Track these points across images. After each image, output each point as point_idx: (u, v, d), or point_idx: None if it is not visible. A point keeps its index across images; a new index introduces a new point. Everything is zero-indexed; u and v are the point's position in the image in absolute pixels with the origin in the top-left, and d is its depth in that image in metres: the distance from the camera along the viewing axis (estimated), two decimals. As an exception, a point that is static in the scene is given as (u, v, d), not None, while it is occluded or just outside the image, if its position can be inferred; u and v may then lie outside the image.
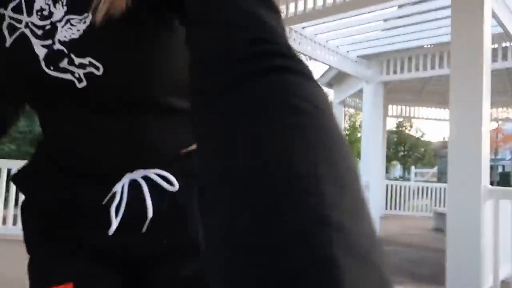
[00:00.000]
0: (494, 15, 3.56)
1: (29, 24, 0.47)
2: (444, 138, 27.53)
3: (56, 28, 0.47)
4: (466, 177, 2.91)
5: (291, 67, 0.29)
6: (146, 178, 0.56)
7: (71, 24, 0.46)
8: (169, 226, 0.57)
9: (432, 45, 6.22)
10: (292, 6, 4.20)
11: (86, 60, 0.47)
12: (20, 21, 0.48)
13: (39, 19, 0.47)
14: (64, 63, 0.47)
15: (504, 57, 5.51)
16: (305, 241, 0.20)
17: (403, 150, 27.66)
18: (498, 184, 15.20)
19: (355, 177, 0.25)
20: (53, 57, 0.47)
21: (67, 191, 0.58)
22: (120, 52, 0.48)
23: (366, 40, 6.22)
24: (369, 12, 5.12)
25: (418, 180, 13.99)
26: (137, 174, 0.56)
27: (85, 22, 0.46)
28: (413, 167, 15.24)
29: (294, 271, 0.19)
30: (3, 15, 0.48)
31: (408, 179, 14.39)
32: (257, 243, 0.20)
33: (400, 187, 9.44)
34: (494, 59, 4.69)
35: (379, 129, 6.91)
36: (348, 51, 6.36)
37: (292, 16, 4.28)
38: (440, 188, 9.07)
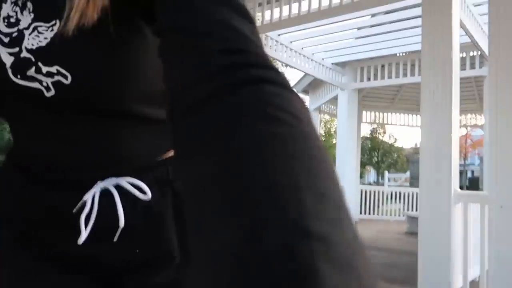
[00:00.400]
0: (462, 26, 3.70)
1: None
2: (416, 144, 28.25)
3: (23, 35, 0.45)
4: (437, 182, 2.99)
5: (268, 77, 0.29)
6: (118, 187, 0.55)
7: (38, 32, 0.45)
8: (142, 236, 0.56)
9: (404, 53, 6.40)
10: (268, 13, 4.24)
11: (53, 69, 0.46)
12: None
13: (6, 26, 0.46)
14: (31, 72, 0.46)
15: (472, 66, 5.72)
16: (286, 253, 0.20)
17: (377, 155, 28.20)
18: (468, 188, 15.68)
19: (336, 185, 0.25)
20: (20, 65, 0.46)
21: (36, 200, 0.56)
22: (89, 60, 0.47)
23: (341, 48, 6.34)
24: (343, 21, 5.22)
25: (391, 185, 14.28)
26: (109, 182, 0.54)
27: (52, 29, 0.45)
28: (386, 172, 15.53)
29: (276, 283, 0.19)
30: None
31: (382, 184, 14.66)
32: (239, 256, 0.20)
33: (374, 192, 9.60)
34: (462, 67, 4.86)
35: (353, 135, 7.02)
36: (323, 58, 6.46)
37: (268, 23, 4.31)
38: (413, 193, 9.29)
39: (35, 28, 0.45)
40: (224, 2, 0.35)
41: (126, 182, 0.55)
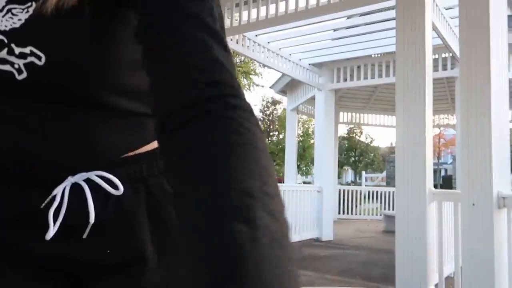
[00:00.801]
0: (434, 28, 3.79)
1: None
2: (391, 144, 28.80)
3: None
4: (412, 181, 3.05)
5: (237, 104, 0.38)
6: (88, 181, 0.52)
7: (12, 14, 0.44)
8: (113, 234, 0.53)
9: (379, 55, 6.51)
10: (245, 14, 4.23)
11: (27, 49, 0.44)
12: None
13: None
14: (3, 54, 0.45)
15: (444, 67, 5.87)
16: (241, 207, 0.31)
17: (354, 155, 28.60)
18: (441, 186, 16.07)
19: (272, 175, 0.35)
20: None
21: (1, 194, 0.52)
22: (65, 41, 0.45)
23: (317, 49, 6.39)
24: (319, 22, 5.27)
25: (368, 185, 14.51)
26: (79, 177, 0.52)
27: (27, 11, 0.44)
28: (363, 172, 15.76)
29: (230, 221, 0.30)
30: None
31: (360, 184, 14.87)
32: (212, 211, 0.31)
33: (352, 191, 9.74)
34: (435, 68, 4.98)
35: (331, 136, 7.09)
36: (300, 59, 6.50)
37: (245, 24, 4.31)
38: (389, 192, 9.46)
39: (9, 10, 0.44)
40: (205, 29, 0.40)
41: (97, 176, 0.52)
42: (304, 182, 22.17)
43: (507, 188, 2.72)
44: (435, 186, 3.54)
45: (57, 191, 0.51)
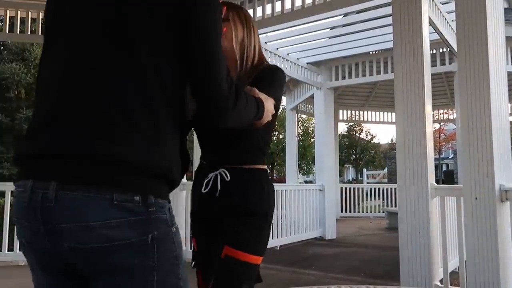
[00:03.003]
0: (431, 23, 3.78)
1: None
2: (392, 140, 28.79)
3: None
4: (414, 177, 3.04)
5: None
6: (219, 173, 1.39)
7: None
8: (229, 195, 1.37)
9: (377, 51, 6.50)
10: (241, 15, 4.23)
11: None
12: None
13: None
14: None
15: (442, 62, 5.87)
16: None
17: (355, 153, 28.59)
18: (443, 182, 16.06)
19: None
20: None
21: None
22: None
23: (315, 47, 6.39)
24: (316, 21, 5.26)
25: (370, 182, 14.49)
26: (218, 170, 1.39)
27: None
28: (365, 170, 15.76)
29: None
30: None
31: (361, 182, 14.87)
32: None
33: (354, 189, 9.73)
34: (433, 64, 4.98)
35: (331, 134, 7.09)
36: (298, 58, 6.50)
37: (242, 25, 4.30)
38: (391, 189, 9.45)
39: None
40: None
41: (221, 171, 1.38)
42: (306, 181, 22.15)
43: (509, 181, 2.71)
44: (437, 182, 3.53)
45: (210, 175, 1.39)
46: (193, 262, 1.46)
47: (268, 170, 1.51)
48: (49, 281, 0.86)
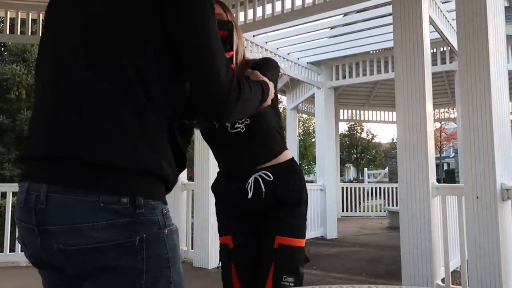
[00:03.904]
0: (431, 22, 3.78)
1: None
2: (393, 139, 28.76)
3: None
4: (415, 176, 3.04)
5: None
6: (259, 175, 1.42)
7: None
8: (272, 195, 1.42)
9: (377, 51, 6.49)
10: (242, 15, 4.23)
11: (245, 121, 1.47)
12: None
13: None
14: (237, 124, 1.46)
15: (443, 61, 5.86)
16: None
17: (356, 152, 28.57)
18: (444, 180, 16.06)
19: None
20: None
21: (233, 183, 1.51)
22: (258, 115, 1.41)
23: (315, 47, 6.38)
24: (316, 20, 5.26)
25: (371, 182, 14.48)
26: (256, 174, 1.42)
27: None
28: (366, 169, 15.74)
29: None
30: None
31: (362, 181, 14.86)
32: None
33: (355, 189, 9.72)
34: (433, 63, 4.97)
35: (332, 133, 7.08)
36: (298, 58, 6.50)
37: (242, 25, 4.31)
38: (392, 188, 9.45)
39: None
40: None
41: (262, 173, 1.42)
42: (307, 181, 22.12)
43: (511, 180, 2.71)
44: (438, 181, 3.53)
45: (250, 180, 1.41)
46: (220, 262, 1.50)
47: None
48: (48, 279, 0.88)
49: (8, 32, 4.41)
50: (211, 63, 0.83)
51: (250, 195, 1.40)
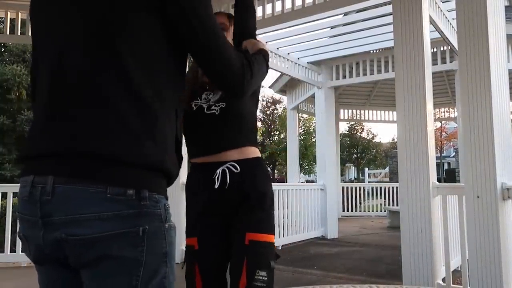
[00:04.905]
0: (431, 22, 3.78)
1: None
2: (393, 139, 28.75)
3: None
4: (415, 176, 3.04)
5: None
6: (227, 167, 1.47)
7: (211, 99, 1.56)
8: (238, 187, 1.46)
9: (377, 50, 6.49)
10: (241, 15, 4.23)
11: (220, 104, 1.57)
12: None
13: None
14: (212, 106, 1.56)
15: (443, 60, 5.86)
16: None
17: (356, 152, 28.56)
18: (445, 180, 16.05)
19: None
20: None
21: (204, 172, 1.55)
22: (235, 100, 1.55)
23: (315, 47, 6.38)
24: (316, 20, 5.26)
25: (371, 181, 14.48)
26: (224, 166, 1.48)
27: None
28: (366, 169, 15.74)
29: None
30: None
31: (363, 181, 14.86)
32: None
33: (355, 188, 9.72)
34: (433, 62, 4.97)
35: (332, 133, 7.08)
36: (298, 58, 6.50)
37: (242, 25, 4.31)
38: (393, 188, 9.44)
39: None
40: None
41: (229, 165, 1.47)
42: (307, 181, 22.15)
43: (511, 179, 2.71)
44: (439, 180, 3.53)
45: (218, 171, 1.47)
46: (184, 263, 1.51)
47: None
48: (46, 275, 0.88)
49: (8, 33, 4.42)
50: (218, 50, 0.91)
51: (217, 184, 1.45)
